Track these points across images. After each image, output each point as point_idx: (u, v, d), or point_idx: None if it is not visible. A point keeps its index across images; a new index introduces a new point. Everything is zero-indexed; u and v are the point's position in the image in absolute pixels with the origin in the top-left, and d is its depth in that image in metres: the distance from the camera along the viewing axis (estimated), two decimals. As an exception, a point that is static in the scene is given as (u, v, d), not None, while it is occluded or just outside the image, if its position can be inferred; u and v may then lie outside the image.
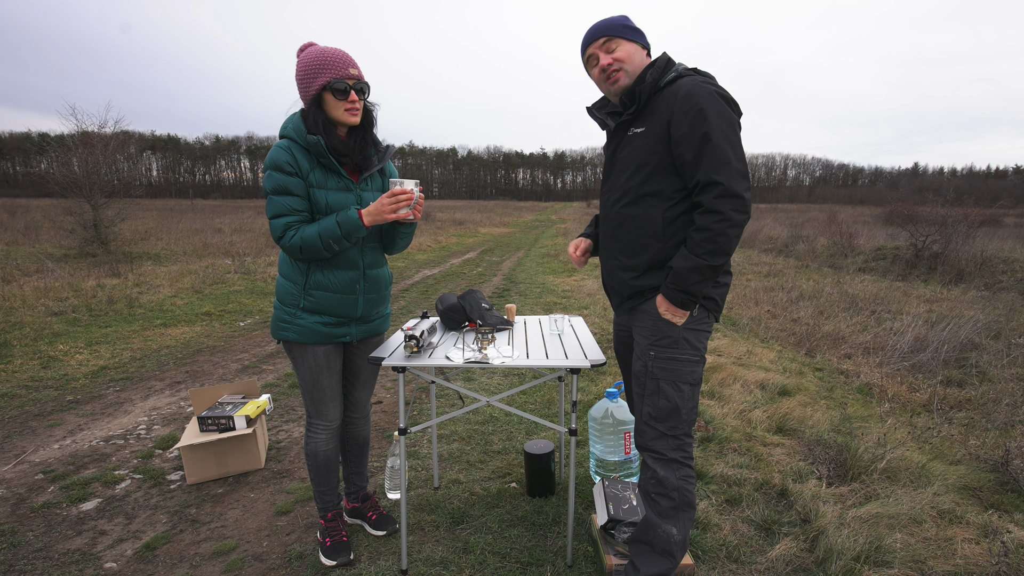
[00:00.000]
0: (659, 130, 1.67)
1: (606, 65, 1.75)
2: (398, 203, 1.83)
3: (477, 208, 44.08)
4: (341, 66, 1.81)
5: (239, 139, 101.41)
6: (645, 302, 1.79)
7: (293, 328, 1.96)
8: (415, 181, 1.89)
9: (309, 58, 1.82)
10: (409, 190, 1.85)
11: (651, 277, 1.76)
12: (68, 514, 2.49)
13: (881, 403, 3.82)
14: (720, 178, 1.56)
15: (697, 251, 1.60)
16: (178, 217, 23.62)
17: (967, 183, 57.44)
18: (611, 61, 1.74)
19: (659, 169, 1.69)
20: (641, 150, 1.72)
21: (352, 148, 1.91)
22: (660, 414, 1.74)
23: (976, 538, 2.21)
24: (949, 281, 9.39)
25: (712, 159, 1.57)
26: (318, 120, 1.84)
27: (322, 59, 1.80)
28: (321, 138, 1.82)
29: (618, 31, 1.76)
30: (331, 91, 1.82)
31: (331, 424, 2.12)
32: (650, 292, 1.78)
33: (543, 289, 8.23)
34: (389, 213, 1.83)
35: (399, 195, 1.83)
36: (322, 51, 1.82)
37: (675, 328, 1.72)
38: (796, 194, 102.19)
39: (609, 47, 1.75)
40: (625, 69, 1.75)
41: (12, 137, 76.88)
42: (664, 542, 1.75)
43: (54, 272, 8.41)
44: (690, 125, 1.59)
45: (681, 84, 1.65)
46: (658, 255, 1.73)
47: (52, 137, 18.26)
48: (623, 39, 1.75)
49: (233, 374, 4.46)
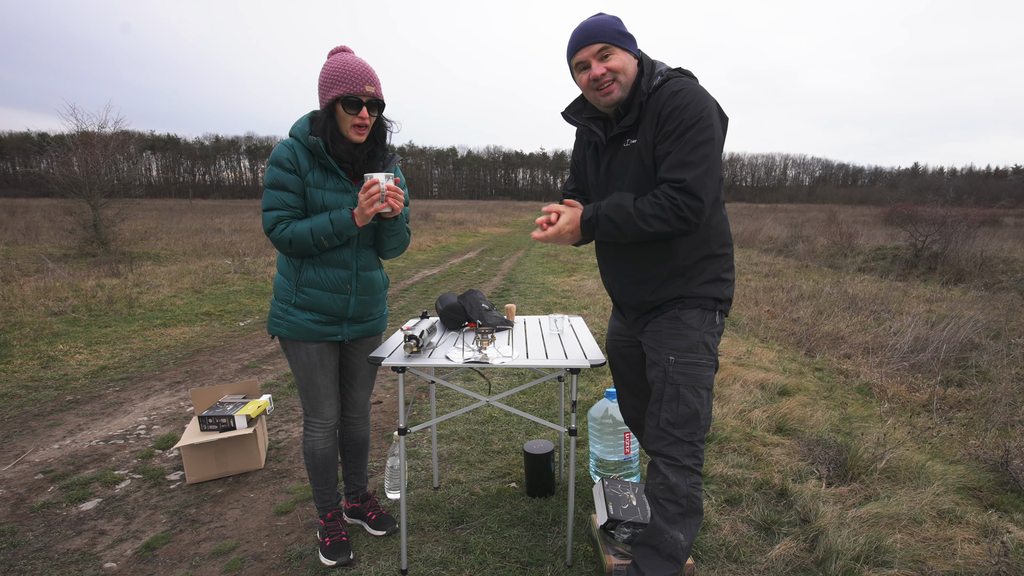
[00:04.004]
0: (650, 139, 1.66)
1: (599, 75, 1.64)
2: (371, 197, 1.81)
3: (477, 208, 44.10)
4: (358, 82, 1.82)
5: (239, 139, 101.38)
6: (663, 314, 1.78)
7: (285, 324, 1.98)
8: (386, 173, 1.84)
9: (332, 66, 1.84)
10: (375, 181, 1.80)
11: (670, 288, 1.76)
12: (68, 514, 2.49)
13: (881, 403, 3.82)
14: (688, 176, 1.56)
15: (641, 206, 1.60)
16: (178, 217, 23.62)
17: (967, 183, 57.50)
18: (605, 71, 1.64)
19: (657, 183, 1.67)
20: (639, 164, 1.69)
21: (356, 157, 1.93)
22: (679, 420, 1.72)
23: (976, 538, 2.21)
24: (949, 281, 9.38)
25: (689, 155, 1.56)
26: (326, 126, 1.86)
27: (342, 71, 1.82)
28: (320, 140, 1.84)
29: (614, 38, 1.65)
30: (343, 104, 1.83)
31: (327, 422, 2.12)
32: (668, 305, 1.77)
33: (543, 289, 8.23)
34: (368, 208, 1.82)
35: (368, 187, 1.80)
36: (344, 62, 1.83)
37: (695, 332, 1.72)
38: (796, 194, 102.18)
39: (604, 55, 1.64)
40: (619, 81, 1.66)
41: (12, 137, 76.79)
42: (671, 547, 1.74)
43: (54, 272, 8.40)
44: (676, 123, 1.58)
45: (668, 86, 1.64)
46: (674, 264, 1.74)
47: (52, 137, 18.26)
48: (618, 48, 1.65)
49: (233, 374, 4.46)
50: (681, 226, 1.59)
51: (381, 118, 1.98)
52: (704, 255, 1.75)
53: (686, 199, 1.56)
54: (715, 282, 1.77)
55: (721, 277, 1.78)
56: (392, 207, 1.86)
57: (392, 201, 1.85)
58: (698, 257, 1.74)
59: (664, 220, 1.59)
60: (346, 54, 1.88)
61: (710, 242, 1.75)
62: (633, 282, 1.82)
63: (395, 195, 1.85)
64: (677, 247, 1.72)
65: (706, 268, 1.75)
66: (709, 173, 1.57)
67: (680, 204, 1.56)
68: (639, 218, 1.61)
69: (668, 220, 1.58)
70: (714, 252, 1.76)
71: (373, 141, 1.98)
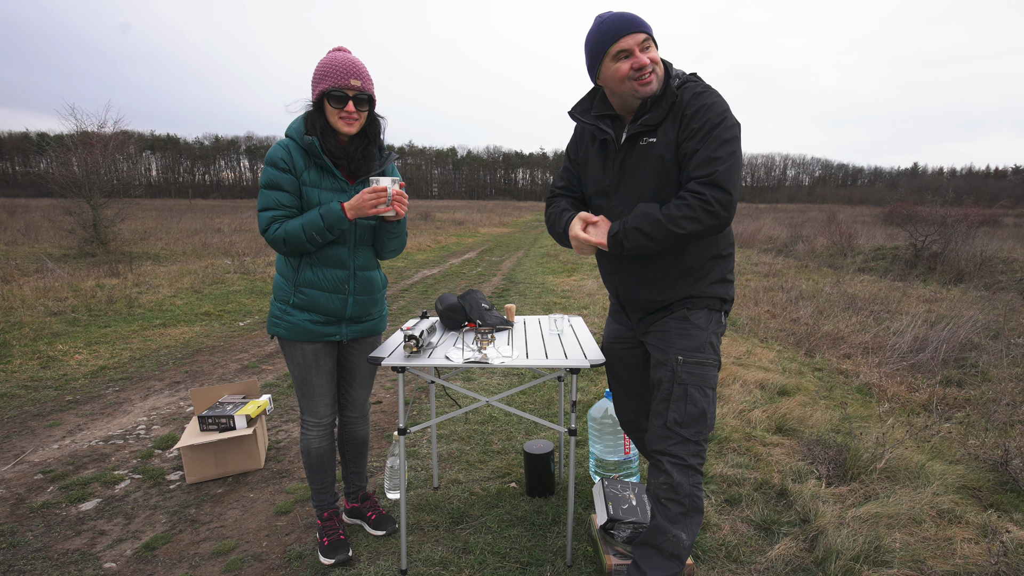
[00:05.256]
0: (673, 137, 1.67)
1: (643, 64, 1.63)
2: (378, 199, 1.84)
3: (477, 208, 44.08)
4: (343, 76, 1.85)
5: (239, 139, 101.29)
6: (672, 315, 1.79)
7: (284, 324, 1.99)
8: (392, 179, 1.88)
9: (321, 64, 1.89)
10: (383, 187, 1.84)
11: (680, 287, 1.77)
12: (67, 514, 2.49)
13: (880, 403, 3.83)
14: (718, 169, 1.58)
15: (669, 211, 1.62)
16: (177, 217, 23.62)
17: (966, 183, 57.48)
18: (648, 62, 1.64)
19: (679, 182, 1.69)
20: (659, 162, 1.69)
21: (350, 154, 1.94)
22: (687, 419, 1.72)
23: (975, 538, 2.21)
24: (948, 281, 9.39)
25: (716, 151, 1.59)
26: (316, 123, 1.90)
27: (329, 67, 1.86)
28: (316, 139, 1.86)
29: (651, 32, 1.67)
30: (329, 98, 1.86)
31: (322, 421, 2.12)
32: (677, 304, 1.78)
33: (543, 289, 8.23)
34: (370, 208, 1.85)
35: (377, 190, 1.84)
36: (332, 59, 1.87)
37: (702, 332, 1.74)
38: (795, 194, 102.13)
39: (646, 45, 1.65)
40: (657, 73, 1.67)
41: (11, 137, 76.68)
42: (673, 546, 1.74)
43: (53, 272, 8.40)
44: (702, 121, 1.61)
45: (690, 87, 1.67)
46: (685, 264, 1.75)
47: (51, 137, 18.23)
48: (654, 43, 1.68)
49: (232, 374, 4.46)
50: (712, 222, 1.60)
51: (373, 115, 1.99)
52: (712, 255, 1.78)
53: (715, 193, 1.58)
54: (721, 282, 1.80)
55: (726, 278, 1.81)
56: (397, 212, 1.90)
57: (397, 206, 1.89)
58: (707, 257, 1.77)
59: (695, 219, 1.59)
60: (341, 53, 1.90)
61: (718, 243, 1.78)
62: (643, 282, 1.83)
63: (400, 200, 1.90)
64: (690, 247, 1.73)
65: (713, 268, 1.78)
66: (736, 168, 1.60)
67: (709, 198, 1.58)
68: (670, 223, 1.61)
69: (699, 218, 1.59)
70: (721, 253, 1.79)
71: (366, 138, 1.98)
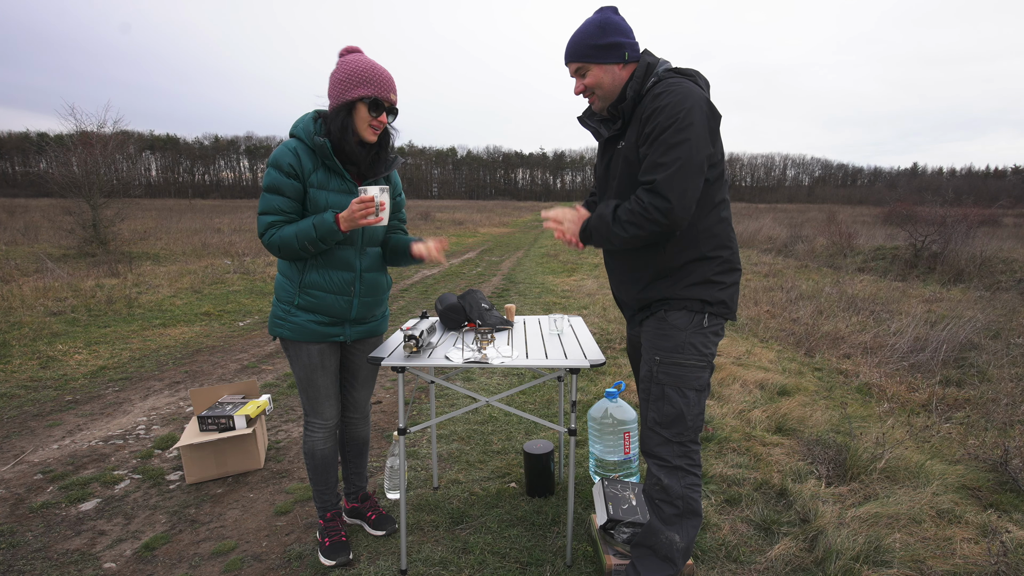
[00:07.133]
0: (634, 141, 1.67)
1: (577, 92, 1.78)
2: (366, 209, 1.81)
3: (476, 208, 44.08)
4: (386, 88, 1.86)
5: (238, 139, 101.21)
6: (652, 315, 1.79)
7: (287, 325, 1.97)
8: (380, 187, 1.84)
9: (357, 66, 1.83)
10: (370, 197, 1.81)
11: (656, 288, 1.77)
12: (67, 514, 2.49)
13: (880, 403, 3.83)
14: (657, 176, 1.56)
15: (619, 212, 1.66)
16: (177, 217, 23.61)
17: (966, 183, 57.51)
18: (583, 88, 1.76)
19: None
20: (628, 165, 1.71)
21: (360, 158, 1.93)
22: (665, 420, 1.73)
23: (975, 538, 2.21)
24: (948, 281, 9.39)
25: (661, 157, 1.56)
26: (339, 123, 1.85)
27: (370, 72, 1.83)
28: (328, 141, 1.84)
29: (586, 55, 1.70)
30: (368, 105, 1.84)
31: (327, 423, 2.12)
32: (656, 304, 1.78)
33: (543, 289, 8.23)
34: (360, 220, 1.82)
35: (365, 200, 1.81)
36: (372, 66, 1.84)
37: (680, 333, 1.72)
38: (795, 194, 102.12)
39: (581, 72, 1.74)
40: (597, 95, 1.75)
41: (11, 137, 76.65)
42: (666, 548, 1.75)
43: (53, 272, 8.40)
44: (653, 125, 1.59)
45: (655, 88, 1.64)
46: (661, 265, 1.74)
47: (51, 137, 18.26)
48: (592, 64, 1.71)
49: (232, 374, 4.46)
50: (653, 228, 1.59)
51: (388, 126, 1.99)
52: (693, 257, 1.72)
53: (653, 200, 1.56)
54: (704, 284, 1.73)
55: (712, 280, 1.73)
56: (382, 222, 1.88)
57: (383, 217, 1.87)
58: (687, 259, 1.72)
59: (636, 224, 1.61)
60: (365, 56, 1.88)
61: (700, 244, 1.71)
62: (625, 280, 1.85)
63: (384, 209, 1.87)
64: (665, 249, 1.72)
65: (695, 270, 1.73)
66: (681, 174, 1.54)
67: (648, 206, 1.57)
68: (616, 224, 1.65)
69: (639, 224, 1.60)
70: (705, 255, 1.72)
71: (379, 144, 1.99)
